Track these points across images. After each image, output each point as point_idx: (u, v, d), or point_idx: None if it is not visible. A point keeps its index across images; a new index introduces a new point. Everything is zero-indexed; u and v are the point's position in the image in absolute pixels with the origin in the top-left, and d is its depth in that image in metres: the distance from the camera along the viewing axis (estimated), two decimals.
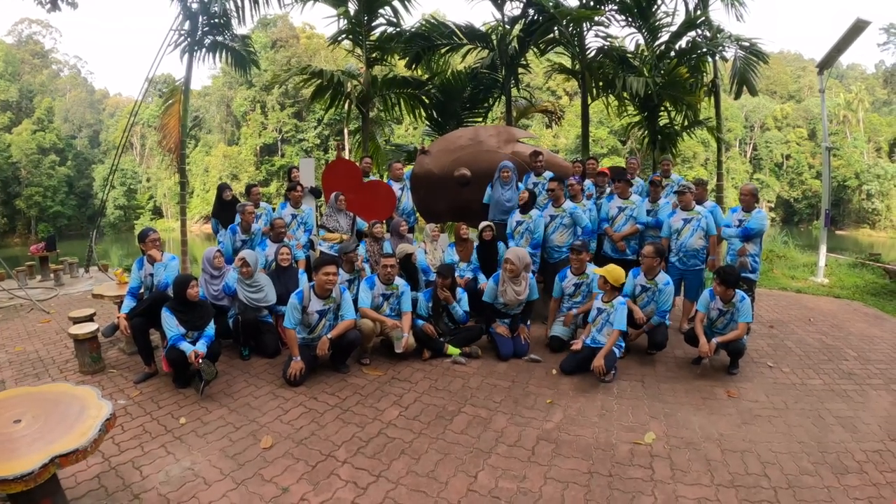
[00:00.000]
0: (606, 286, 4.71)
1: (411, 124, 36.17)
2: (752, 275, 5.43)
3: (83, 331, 4.70)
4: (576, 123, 39.21)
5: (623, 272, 4.78)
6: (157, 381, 4.47)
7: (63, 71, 57.33)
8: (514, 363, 4.96)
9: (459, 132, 7.35)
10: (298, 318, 4.49)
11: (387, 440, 3.50)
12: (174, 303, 4.27)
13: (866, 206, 43.60)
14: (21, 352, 5.42)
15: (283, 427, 3.67)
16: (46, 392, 2.89)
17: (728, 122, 41.03)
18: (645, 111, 9.79)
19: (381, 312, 4.94)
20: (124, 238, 44.23)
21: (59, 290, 8.65)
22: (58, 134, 46.23)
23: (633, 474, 3.10)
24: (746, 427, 3.68)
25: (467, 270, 5.92)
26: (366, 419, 3.81)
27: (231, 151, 45.56)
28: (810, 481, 3.02)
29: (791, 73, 60.41)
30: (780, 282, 9.18)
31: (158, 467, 3.15)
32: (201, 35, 9.95)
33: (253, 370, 4.76)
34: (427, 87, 10.13)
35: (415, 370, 4.78)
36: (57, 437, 2.40)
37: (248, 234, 5.93)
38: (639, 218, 5.99)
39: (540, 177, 6.38)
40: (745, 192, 5.55)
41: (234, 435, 3.54)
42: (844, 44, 9.29)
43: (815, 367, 4.84)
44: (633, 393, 4.28)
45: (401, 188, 6.90)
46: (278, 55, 45.31)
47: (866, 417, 3.82)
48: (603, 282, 4.74)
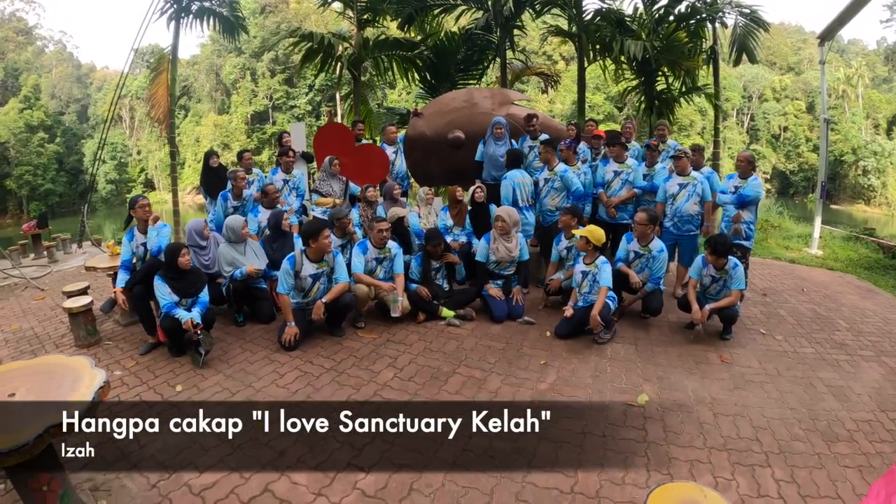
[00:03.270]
0: (588, 247, 4.68)
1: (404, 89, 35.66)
2: (746, 242, 5.40)
3: (77, 304, 4.67)
4: (572, 89, 38.71)
5: (603, 232, 4.78)
6: (154, 352, 4.46)
7: (48, 47, 55.79)
8: (509, 325, 4.97)
9: (453, 94, 7.23)
10: (291, 283, 4.46)
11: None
12: (166, 271, 4.22)
13: (862, 181, 43.52)
14: (17, 330, 5.39)
15: (279, 391, 3.68)
16: (40, 364, 2.88)
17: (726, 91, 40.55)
18: (642, 76, 9.63)
19: (375, 276, 4.92)
20: (117, 212, 43.73)
21: (53, 267, 8.58)
22: (45, 111, 45.22)
23: (627, 435, 3.14)
24: (739, 392, 3.72)
25: (461, 234, 5.88)
26: (361, 381, 3.82)
27: (222, 120, 44.85)
28: (801, 447, 3.06)
29: (791, 44, 59.51)
30: (774, 251, 9.20)
31: None
32: (188, 1, 9.67)
33: (248, 336, 4.74)
34: (420, 48, 9.91)
35: (409, 332, 4.79)
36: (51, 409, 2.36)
37: (239, 200, 5.83)
38: (636, 182, 5.92)
39: (535, 140, 6.29)
40: (742, 160, 5.49)
41: None
42: (847, 16, 9.10)
43: (807, 336, 4.85)
44: (627, 356, 4.31)
45: (394, 152, 6.78)
46: (267, 21, 44.22)
47: (857, 388, 3.85)
48: (584, 243, 4.69)
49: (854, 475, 2.83)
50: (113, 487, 2.76)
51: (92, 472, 2.84)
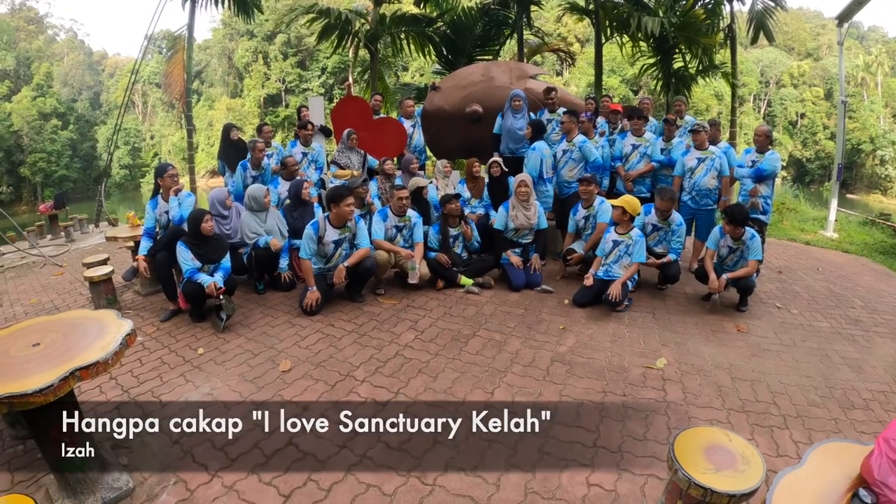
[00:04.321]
0: (625, 217, 4.66)
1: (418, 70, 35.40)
2: (763, 216, 5.38)
3: (98, 273, 4.75)
4: (587, 71, 38.26)
5: (639, 203, 4.77)
6: (175, 319, 4.52)
7: (59, 35, 56.01)
8: (527, 293, 5.02)
9: (471, 68, 7.20)
10: (314, 248, 4.52)
11: (404, 360, 3.58)
12: (189, 237, 4.27)
13: (879, 171, 42.71)
14: (36, 303, 5.49)
15: (302, 352, 3.75)
16: (65, 317, 2.86)
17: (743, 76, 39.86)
18: (659, 54, 9.55)
19: (395, 244, 4.99)
20: (131, 197, 44.17)
21: (71, 246, 8.72)
22: (58, 98, 45.45)
23: (647, 395, 3.18)
24: (755, 359, 3.74)
25: (479, 207, 5.90)
26: (382, 342, 3.88)
27: (234, 104, 44.90)
28: (818, 412, 3.09)
29: (810, 30, 58.23)
30: (790, 233, 9.12)
31: (178, 395, 3.22)
32: None
33: (269, 303, 4.82)
34: (437, 24, 9.89)
35: (429, 299, 4.85)
36: (77, 353, 2.36)
37: (258, 170, 5.87)
38: (653, 156, 5.90)
39: (554, 113, 6.26)
40: (760, 134, 5.45)
41: (252, 361, 3.61)
42: None
43: (822, 312, 4.85)
44: (644, 323, 4.35)
45: (412, 125, 6.78)
46: (279, 4, 44.03)
47: (872, 361, 3.86)
48: (621, 213, 4.67)
49: (871, 440, 2.79)
50: (134, 444, 2.76)
51: None
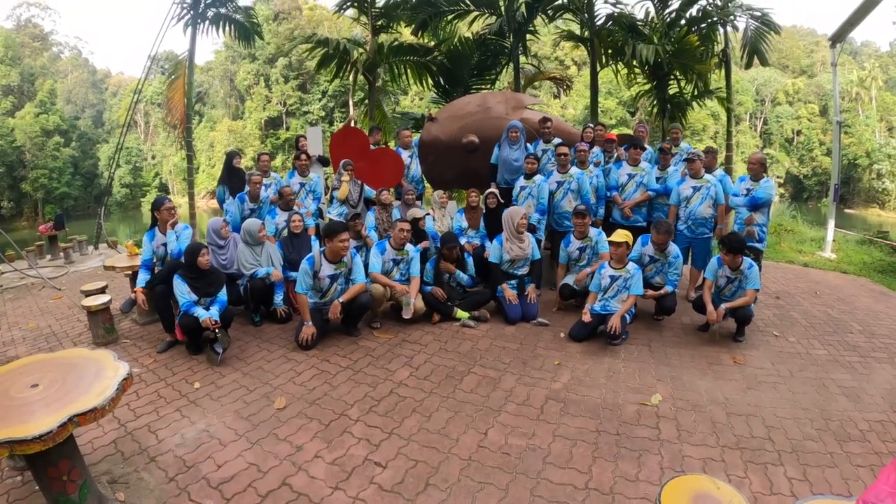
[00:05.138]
0: (619, 249, 4.67)
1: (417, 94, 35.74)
2: (759, 245, 5.40)
3: (96, 302, 4.76)
4: (584, 94, 38.67)
5: (630, 233, 4.80)
6: (171, 350, 4.55)
7: (64, 52, 56.81)
8: (523, 327, 5.03)
9: (467, 99, 7.27)
10: (310, 283, 4.54)
11: (398, 399, 3.58)
12: (185, 270, 4.30)
13: (876, 185, 42.87)
14: (34, 328, 5.48)
15: (296, 388, 3.75)
16: (63, 357, 2.90)
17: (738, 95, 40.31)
18: (654, 80, 9.67)
19: (391, 277, 5.01)
20: (131, 216, 44.37)
21: (70, 268, 8.72)
22: (61, 115, 45.89)
23: (640, 433, 3.17)
24: (751, 392, 3.72)
25: (476, 237, 5.94)
26: (377, 379, 3.89)
27: (236, 126, 45.30)
28: (814, 446, 3.06)
29: (804, 47, 59.02)
30: (788, 255, 9.12)
31: (174, 430, 3.22)
32: (204, 7, 9.85)
33: (265, 335, 4.83)
34: (434, 54, 10.01)
35: (425, 333, 4.86)
36: (75, 398, 2.41)
37: (256, 202, 5.94)
38: (649, 185, 5.96)
39: (549, 143, 6.33)
40: (754, 162, 5.49)
41: (247, 397, 3.62)
42: (858, 17, 9.00)
43: (820, 339, 4.83)
44: (640, 356, 4.34)
45: (409, 156, 6.85)
46: (281, 27, 44.70)
47: (870, 389, 3.84)
48: (625, 248, 4.70)
49: (866, 474, 2.82)
50: (131, 480, 2.78)
51: (110, 464, 2.90)
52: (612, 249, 4.76)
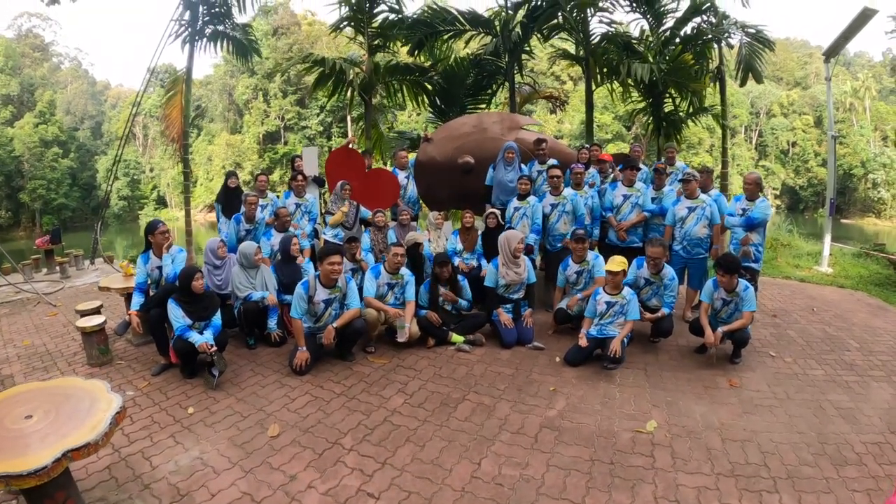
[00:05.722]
0: (616, 277, 4.68)
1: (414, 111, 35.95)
2: (754, 264, 5.41)
3: (90, 323, 4.72)
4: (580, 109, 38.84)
5: (624, 259, 4.80)
6: (166, 373, 4.52)
7: (64, 63, 57.31)
8: (518, 351, 5.00)
9: (463, 119, 7.31)
10: (305, 307, 4.52)
11: (392, 427, 3.56)
12: (180, 294, 4.30)
13: (872, 195, 43.28)
14: (29, 346, 5.45)
15: (290, 415, 3.72)
16: (57, 387, 2.92)
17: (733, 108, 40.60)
18: (650, 98, 9.72)
19: (386, 302, 4.99)
20: (129, 229, 44.33)
21: (65, 283, 8.69)
22: (60, 126, 46.12)
23: (635, 462, 3.14)
24: (747, 417, 3.70)
25: (471, 258, 5.93)
26: (371, 407, 3.86)
27: (234, 140, 45.49)
28: (809, 472, 3.04)
29: (797, 59, 59.73)
30: (784, 270, 9.13)
31: (168, 457, 3.20)
32: (202, 24, 9.90)
33: (259, 359, 4.81)
34: (430, 73, 10.06)
35: (419, 358, 4.83)
36: (69, 432, 2.44)
37: (251, 223, 5.94)
38: (645, 206, 5.98)
39: (544, 165, 6.35)
40: (749, 182, 5.51)
41: (241, 424, 3.60)
42: (851, 32, 9.12)
43: (817, 358, 4.82)
44: (636, 381, 4.31)
45: (406, 176, 6.88)
46: (280, 42, 45.04)
47: (867, 409, 3.82)
48: (622, 275, 4.70)
49: (862, 499, 2.80)
50: None
51: (105, 491, 2.89)
52: (608, 277, 4.76)
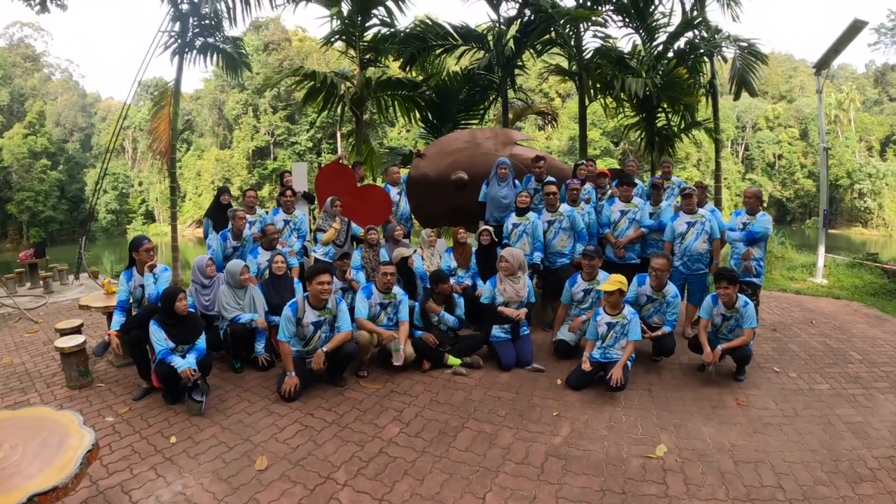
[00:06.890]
0: (612, 297, 4.51)
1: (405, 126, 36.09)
2: (756, 279, 5.32)
3: (69, 344, 4.49)
4: (568, 125, 39.26)
5: (624, 278, 4.64)
6: (147, 398, 4.29)
7: (55, 74, 56.91)
8: (517, 373, 4.81)
9: (456, 135, 7.22)
10: (293, 330, 4.30)
11: (388, 460, 3.34)
12: (162, 316, 4.07)
13: (858, 204, 44.06)
14: (8, 364, 5.24)
15: (279, 446, 3.50)
16: (27, 418, 2.76)
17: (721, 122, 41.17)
18: (643, 112, 9.71)
19: (379, 322, 4.77)
20: (117, 243, 43.74)
21: (49, 298, 8.47)
22: (49, 138, 45.72)
23: (647, 490, 2.99)
24: (758, 436, 3.59)
25: (466, 277, 5.76)
26: (365, 437, 3.63)
27: (223, 155, 45.34)
28: (825, 491, 2.95)
29: (782, 73, 60.91)
30: (780, 283, 9.12)
31: (148, 491, 2.98)
32: (192, 37, 9.82)
33: (245, 384, 4.57)
34: (422, 88, 10.00)
35: (415, 382, 4.61)
36: (35, 472, 2.28)
37: (239, 240, 5.73)
38: (643, 221, 5.87)
39: (540, 182, 6.19)
40: (750, 196, 5.45)
41: (227, 455, 3.37)
42: (842, 44, 9.20)
43: (820, 372, 4.76)
44: (641, 403, 4.16)
45: (398, 193, 6.73)
46: (270, 58, 45.18)
47: (875, 423, 3.76)
48: (619, 295, 4.51)
49: None
50: None
51: None
52: (605, 297, 4.58)
